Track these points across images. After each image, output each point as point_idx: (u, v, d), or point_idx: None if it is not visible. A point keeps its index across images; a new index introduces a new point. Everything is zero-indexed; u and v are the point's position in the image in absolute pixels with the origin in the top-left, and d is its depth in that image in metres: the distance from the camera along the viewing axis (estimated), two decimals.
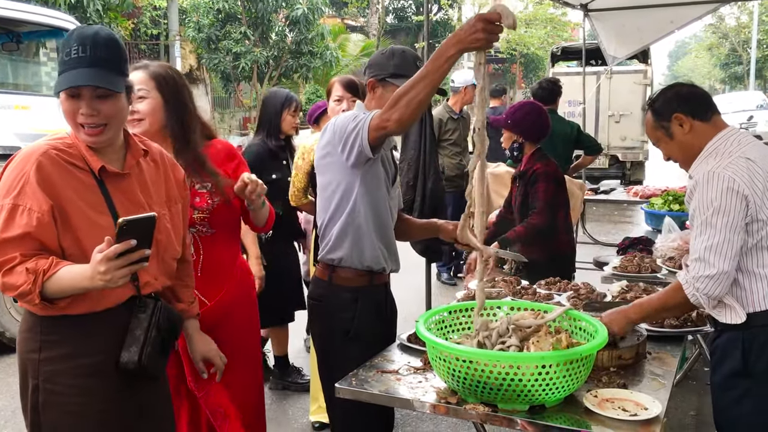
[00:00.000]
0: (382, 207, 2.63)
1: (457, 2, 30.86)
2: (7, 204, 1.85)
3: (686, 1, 7.03)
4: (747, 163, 2.25)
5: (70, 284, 1.85)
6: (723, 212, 2.20)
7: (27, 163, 1.89)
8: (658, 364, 2.51)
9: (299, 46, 18.86)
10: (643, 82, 12.70)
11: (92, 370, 1.99)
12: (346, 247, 2.60)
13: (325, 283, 2.68)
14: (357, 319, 2.62)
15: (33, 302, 1.84)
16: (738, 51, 39.59)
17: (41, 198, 1.86)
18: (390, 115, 2.30)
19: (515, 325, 2.27)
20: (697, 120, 2.39)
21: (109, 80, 1.93)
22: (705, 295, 2.25)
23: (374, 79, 2.62)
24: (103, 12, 13.86)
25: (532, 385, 1.99)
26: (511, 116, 4.00)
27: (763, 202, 2.22)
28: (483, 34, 2.07)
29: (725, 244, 2.20)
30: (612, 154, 12.95)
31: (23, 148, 1.95)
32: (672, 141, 2.45)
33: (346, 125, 2.47)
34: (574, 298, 3.08)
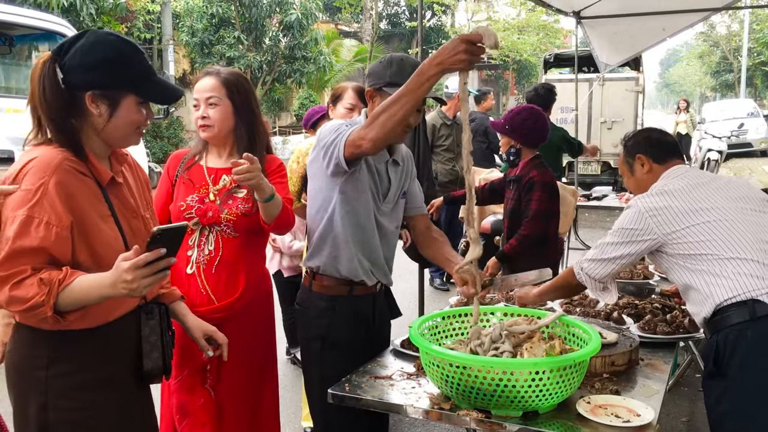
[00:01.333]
0: (364, 220, 2.58)
1: (450, 8, 30.95)
2: (21, 215, 1.78)
3: (678, 10, 7.08)
4: (661, 194, 2.54)
5: (85, 294, 1.80)
6: (624, 231, 2.54)
7: (44, 175, 1.82)
8: (651, 370, 2.52)
9: (293, 51, 18.90)
10: (635, 89, 12.75)
11: (105, 382, 1.97)
12: (324, 255, 2.59)
13: (306, 290, 2.68)
14: (332, 327, 2.60)
15: (44, 315, 1.77)
16: (729, 59, 39.85)
17: (61, 212, 1.81)
18: (366, 134, 2.28)
19: (508, 331, 2.28)
20: (655, 163, 2.73)
21: None
22: (587, 275, 2.61)
23: (372, 89, 2.59)
24: (96, 16, 13.86)
25: (525, 391, 2.00)
26: (509, 121, 3.97)
27: (673, 221, 2.46)
28: (465, 55, 2.06)
29: (615, 247, 2.56)
30: (604, 161, 12.99)
31: (36, 157, 1.85)
32: (632, 177, 2.81)
33: (328, 134, 2.46)
34: (566, 304, 3.09)
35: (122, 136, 1.98)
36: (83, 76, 1.88)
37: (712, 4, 7.13)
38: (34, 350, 1.90)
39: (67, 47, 1.90)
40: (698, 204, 2.47)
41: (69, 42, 1.92)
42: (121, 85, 1.92)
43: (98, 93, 1.90)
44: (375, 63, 2.66)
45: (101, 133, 1.94)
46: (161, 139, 18.26)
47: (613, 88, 12.70)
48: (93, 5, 13.72)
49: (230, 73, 2.69)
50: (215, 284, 2.64)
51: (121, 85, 1.92)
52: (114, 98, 1.92)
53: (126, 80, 1.93)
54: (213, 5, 18.07)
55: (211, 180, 2.69)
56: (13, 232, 1.77)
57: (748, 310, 2.29)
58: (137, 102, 1.96)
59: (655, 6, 6.93)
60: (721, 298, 2.33)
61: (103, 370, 1.96)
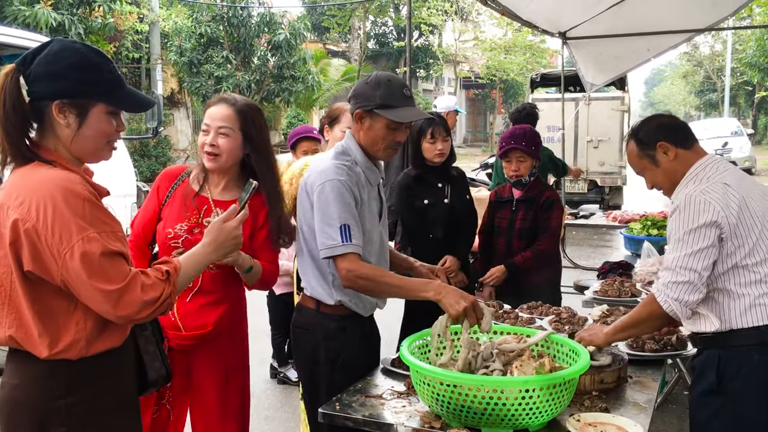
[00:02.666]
0: (377, 248, 2.65)
1: (437, 29, 31.22)
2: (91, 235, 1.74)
3: (662, 30, 7.17)
4: (724, 188, 2.34)
5: (193, 271, 1.98)
6: (696, 232, 2.29)
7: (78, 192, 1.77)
8: (640, 387, 2.54)
9: (281, 71, 18.95)
10: (620, 109, 12.88)
11: (123, 403, 1.97)
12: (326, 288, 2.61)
13: (313, 311, 2.65)
14: (344, 348, 2.60)
15: (169, 307, 1.85)
16: (712, 78, 40.36)
17: (113, 219, 1.84)
18: (352, 279, 2.42)
19: (498, 349, 2.29)
20: (680, 148, 2.49)
21: None
22: (677, 301, 2.30)
23: (361, 110, 2.56)
24: (84, 35, 13.86)
25: (515, 409, 2.00)
26: (530, 141, 3.94)
27: (739, 223, 2.30)
28: (460, 309, 2.27)
29: (694, 257, 2.29)
30: (591, 179, 13.09)
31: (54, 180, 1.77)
32: (657, 168, 2.53)
33: (324, 207, 2.47)
34: (555, 322, 3.10)
35: (93, 148, 1.90)
36: (50, 85, 1.81)
37: (695, 25, 7.23)
38: (50, 380, 1.82)
39: (32, 57, 1.83)
40: (757, 209, 2.33)
41: (33, 52, 1.85)
42: (90, 93, 1.85)
43: (66, 102, 1.82)
44: (360, 84, 2.63)
45: (71, 146, 1.86)
46: (149, 158, 18.21)
47: (599, 108, 12.82)
48: (81, 25, 13.73)
49: (246, 104, 2.64)
50: (185, 314, 2.60)
51: (89, 94, 1.85)
52: (83, 107, 1.84)
53: (95, 88, 1.85)
54: (201, 25, 18.12)
55: (204, 211, 2.62)
56: (96, 247, 1.73)
57: (759, 334, 2.29)
58: (107, 111, 1.88)
59: (640, 27, 7.03)
60: (740, 324, 2.30)
61: (118, 391, 1.95)
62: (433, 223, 3.85)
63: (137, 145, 17.72)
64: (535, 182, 4.01)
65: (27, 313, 1.79)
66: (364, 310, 2.66)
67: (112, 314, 1.77)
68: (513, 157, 3.93)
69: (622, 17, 6.71)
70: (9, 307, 1.81)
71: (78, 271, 1.72)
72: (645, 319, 2.46)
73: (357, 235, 2.45)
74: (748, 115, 41.15)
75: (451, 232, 3.92)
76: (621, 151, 13.02)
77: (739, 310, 2.31)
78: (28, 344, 1.80)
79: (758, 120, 39.16)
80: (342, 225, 2.43)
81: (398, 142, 2.61)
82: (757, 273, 2.31)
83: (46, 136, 1.86)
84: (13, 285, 1.79)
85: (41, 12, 12.50)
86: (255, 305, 6.07)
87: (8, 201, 1.76)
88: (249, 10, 18.54)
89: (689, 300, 2.30)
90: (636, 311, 2.50)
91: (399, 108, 2.53)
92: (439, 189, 3.93)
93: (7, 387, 1.87)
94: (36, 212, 1.72)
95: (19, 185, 1.78)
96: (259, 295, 5.31)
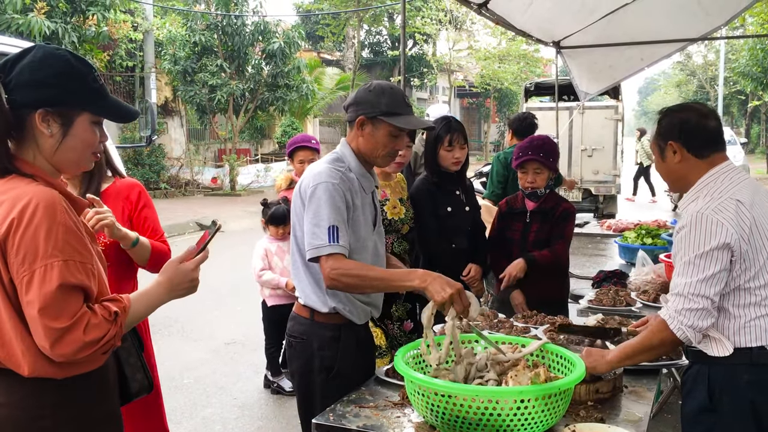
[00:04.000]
0: (368, 256, 2.64)
1: (431, 38, 31.32)
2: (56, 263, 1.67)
3: (655, 40, 7.21)
4: (737, 206, 2.25)
5: (144, 311, 1.89)
6: (708, 256, 2.21)
7: (55, 215, 1.70)
8: (635, 397, 2.52)
9: (275, 79, 18.99)
10: (614, 117, 12.93)
11: (106, 415, 1.93)
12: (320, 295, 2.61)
13: (307, 321, 2.65)
14: (340, 357, 2.60)
15: (112, 348, 1.79)
16: (705, 88, 40.62)
17: (87, 247, 1.77)
18: (335, 278, 2.41)
19: (493, 359, 2.27)
20: (691, 154, 2.39)
21: None
22: (690, 328, 2.23)
23: (364, 117, 2.58)
24: (78, 44, 13.87)
25: (510, 419, 1.99)
26: (548, 153, 3.80)
27: (749, 246, 2.24)
28: (446, 296, 2.27)
29: (707, 282, 2.21)
30: (585, 188, 13.11)
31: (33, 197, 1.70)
32: (662, 163, 2.47)
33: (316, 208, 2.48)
34: (550, 332, 3.09)
35: (76, 158, 1.83)
36: (34, 93, 1.74)
37: (688, 34, 7.27)
38: (36, 399, 1.78)
39: (12, 64, 1.76)
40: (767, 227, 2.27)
41: (14, 59, 1.77)
42: (76, 101, 1.79)
43: (51, 111, 1.75)
44: (362, 91, 2.64)
45: (53, 156, 1.79)
46: (143, 166, 18.19)
47: (593, 116, 12.87)
48: (75, 33, 13.74)
49: None
50: None
51: (75, 102, 1.79)
52: (67, 116, 1.78)
53: (80, 97, 1.80)
54: (196, 34, 18.14)
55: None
56: (56, 278, 1.66)
57: (750, 355, 2.27)
58: (91, 121, 1.83)
59: (633, 36, 7.06)
60: (743, 344, 2.27)
61: (103, 405, 1.92)
62: (454, 232, 3.76)
63: (131, 153, 17.70)
64: (550, 195, 3.90)
65: (9, 331, 1.72)
66: (358, 317, 2.66)
67: (48, 351, 1.68)
68: (529, 168, 3.79)
69: (616, 27, 6.74)
70: None
71: (30, 298, 1.65)
72: (656, 346, 2.36)
73: (345, 237, 2.46)
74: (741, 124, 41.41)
75: (471, 241, 3.89)
76: (615, 159, 13.06)
77: (733, 330, 2.28)
78: (11, 363, 1.74)
79: (751, 129, 39.40)
80: (330, 226, 2.44)
81: (397, 149, 2.66)
82: (757, 295, 2.26)
83: (25, 147, 1.79)
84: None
85: (35, 20, 12.50)
86: (251, 316, 6.07)
87: None
88: (243, 18, 18.57)
89: (702, 326, 2.25)
90: (645, 338, 2.38)
91: (403, 116, 2.58)
92: (458, 196, 3.85)
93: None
94: (8, 227, 1.66)
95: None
96: (256, 307, 5.33)
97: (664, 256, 4.32)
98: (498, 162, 5.80)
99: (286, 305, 4.89)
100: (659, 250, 5.10)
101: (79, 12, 14.09)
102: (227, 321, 7.07)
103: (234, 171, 19.62)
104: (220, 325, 6.94)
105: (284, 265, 5.00)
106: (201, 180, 20.33)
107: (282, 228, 4.98)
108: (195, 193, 19.34)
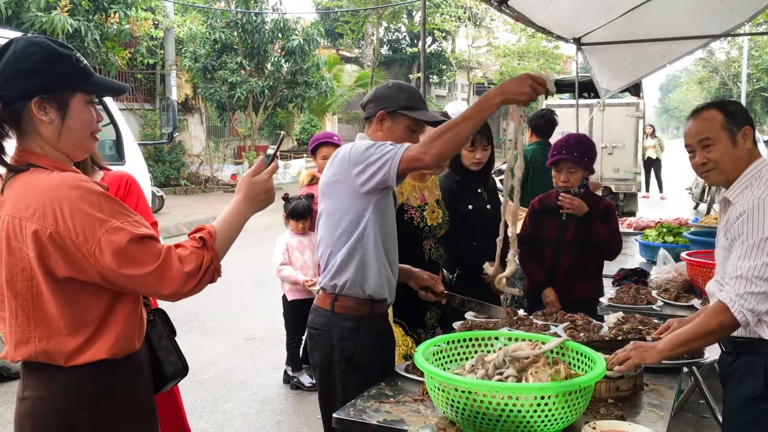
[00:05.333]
0: (391, 236, 2.67)
1: (450, 35, 31.24)
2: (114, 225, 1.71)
3: (677, 36, 7.14)
4: None
5: (234, 230, 1.91)
6: None
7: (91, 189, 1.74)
8: (655, 395, 2.52)
9: (294, 77, 19.05)
10: (635, 115, 12.84)
11: (141, 404, 1.96)
12: (350, 272, 2.61)
13: (327, 312, 2.68)
14: (359, 348, 2.63)
15: (216, 273, 1.82)
16: (728, 85, 40.15)
17: (129, 210, 1.81)
18: (428, 149, 2.38)
19: (512, 356, 2.28)
20: (753, 145, 2.47)
21: None
22: (750, 311, 2.25)
23: (384, 111, 2.70)
24: (100, 41, 13.99)
25: (530, 416, 1.99)
26: (583, 153, 3.79)
27: None
28: (528, 90, 2.33)
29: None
30: (605, 186, 13.03)
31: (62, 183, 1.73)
32: (732, 149, 2.44)
33: (367, 153, 2.50)
34: (570, 329, 3.08)
35: (79, 140, 1.85)
36: (24, 84, 1.74)
37: (711, 31, 7.20)
38: (77, 390, 1.81)
39: None
40: None
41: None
42: (67, 83, 1.80)
43: (45, 97, 1.76)
44: (381, 88, 2.77)
45: (58, 142, 1.81)
46: (163, 163, 18.34)
47: (613, 114, 12.79)
48: (97, 31, 13.85)
49: None
50: None
51: (66, 84, 1.80)
52: (62, 99, 1.79)
53: (70, 78, 1.80)
54: (216, 31, 18.26)
55: None
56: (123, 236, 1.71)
57: None
58: (86, 101, 1.85)
59: (655, 33, 7.00)
60: None
61: (139, 394, 1.95)
62: (477, 230, 3.74)
63: (152, 150, 17.84)
64: (585, 194, 3.87)
65: (60, 322, 1.76)
66: (390, 295, 2.72)
67: (160, 294, 1.75)
68: (563, 167, 3.80)
69: (637, 23, 6.69)
70: (35, 321, 1.77)
71: (110, 264, 1.69)
72: (715, 330, 2.33)
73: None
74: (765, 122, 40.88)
75: (494, 239, 3.87)
76: (636, 157, 12.97)
77: None
78: (58, 355, 1.78)
79: None
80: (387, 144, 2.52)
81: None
82: None
83: (30, 140, 1.80)
84: (37, 298, 1.75)
85: (58, 18, 12.62)
86: (270, 312, 6.11)
87: (18, 212, 1.72)
88: (263, 16, 18.65)
89: (762, 310, 2.26)
90: (702, 323, 2.36)
91: (421, 110, 2.73)
92: (479, 194, 3.83)
93: (31, 399, 1.83)
94: (53, 217, 1.69)
95: (26, 195, 1.73)
96: (276, 302, 5.36)
97: (685, 255, 4.29)
98: None
99: (307, 300, 4.92)
100: (681, 248, 5.05)
101: (101, 10, 14.21)
102: (247, 316, 7.13)
103: None
104: (239, 321, 6.99)
105: (304, 260, 5.03)
106: (221, 177, 20.46)
107: (302, 222, 5.01)
108: (215, 190, 19.46)
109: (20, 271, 1.74)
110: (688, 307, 3.77)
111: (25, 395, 1.84)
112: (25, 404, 1.84)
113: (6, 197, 1.77)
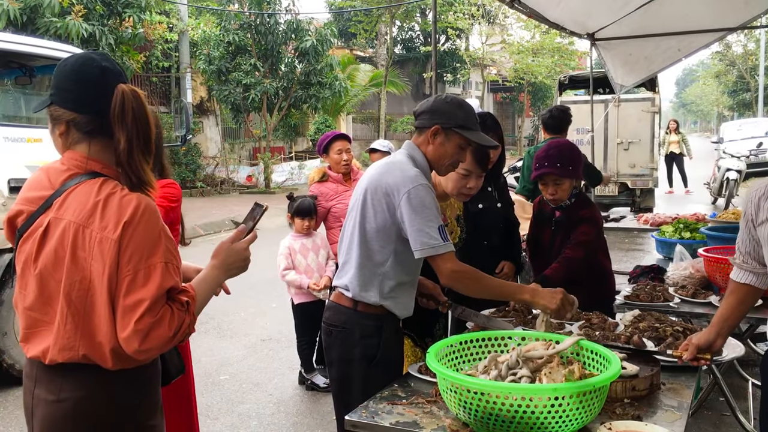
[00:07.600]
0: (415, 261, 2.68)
1: (464, 32, 31.16)
2: (158, 263, 1.77)
3: (693, 30, 7.07)
4: None
5: (207, 295, 1.98)
6: None
7: (159, 218, 1.82)
8: (673, 395, 2.48)
9: (308, 77, 19.08)
10: (651, 110, 12.72)
11: (156, 403, 2.03)
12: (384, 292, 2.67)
13: (349, 310, 2.69)
14: (382, 346, 2.66)
15: (189, 334, 1.85)
16: (746, 78, 39.70)
17: (177, 250, 1.87)
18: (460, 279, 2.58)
19: (525, 356, 2.25)
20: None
21: None
22: None
23: (440, 126, 2.66)
24: (115, 46, 14.08)
25: (545, 417, 1.96)
26: (565, 162, 3.56)
27: None
28: (558, 305, 2.63)
29: None
30: (621, 182, 12.92)
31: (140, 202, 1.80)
32: None
33: (417, 220, 2.53)
34: (586, 328, 3.05)
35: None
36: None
37: (727, 23, 7.11)
38: (115, 389, 1.87)
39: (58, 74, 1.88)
40: None
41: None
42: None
43: None
44: (439, 101, 2.70)
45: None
46: (179, 165, 18.44)
47: (629, 109, 12.68)
48: (112, 36, 13.94)
49: None
50: None
51: None
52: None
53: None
54: (229, 34, 18.32)
55: None
56: (157, 280, 1.76)
57: None
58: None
59: (670, 27, 6.93)
60: None
61: (155, 393, 2.02)
62: (488, 229, 3.71)
63: (168, 152, 17.91)
64: (576, 203, 3.67)
65: (108, 336, 1.78)
66: (400, 312, 2.74)
67: (136, 347, 1.75)
68: (549, 181, 3.59)
69: (652, 17, 6.62)
70: (83, 329, 1.80)
71: (137, 296, 1.74)
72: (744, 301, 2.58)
73: (448, 235, 2.60)
74: None
75: (504, 238, 3.84)
76: (652, 152, 12.85)
77: None
78: (102, 361, 1.82)
79: None
80: (440, 226, 2.56)
81: (460, 162, 2.77)
82: None
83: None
84: (89, 310, 1.78)
85: (72, 23, 12.71)
86: (286, 313, 6.12)
87: (92, 224, 1.77)
88: (276, 17, 18.69)
89: None
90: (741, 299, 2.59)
91: (476, 131, 2.70)
92: (489, 193, 3.77)
93: (71, 401, 1.85)
94: (124, 228, 1.75)
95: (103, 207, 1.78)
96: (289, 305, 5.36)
97: (702, 251, 4.22)
98: (530, 157, 5.72)
99: (313, 302, 4.92)
100: (698, 244, 4.98)
101: (115, 14, 14.31)
102: (262, 318, 7.14)
103: (268, 169, 19.78)
104: (255, 323, 7.01)
105: (308, 262, 4.99)
106: (236, 178, 20.56)
107: (308, 220, 4.96)
108: (230, 192, 19.55)
109: (79, 281, 1.78)
110: (706, 303, 3.71)
111: (63, 397, 1.84)
112: (62, 406, 1.84)
113: (73, 204, 1.80)
